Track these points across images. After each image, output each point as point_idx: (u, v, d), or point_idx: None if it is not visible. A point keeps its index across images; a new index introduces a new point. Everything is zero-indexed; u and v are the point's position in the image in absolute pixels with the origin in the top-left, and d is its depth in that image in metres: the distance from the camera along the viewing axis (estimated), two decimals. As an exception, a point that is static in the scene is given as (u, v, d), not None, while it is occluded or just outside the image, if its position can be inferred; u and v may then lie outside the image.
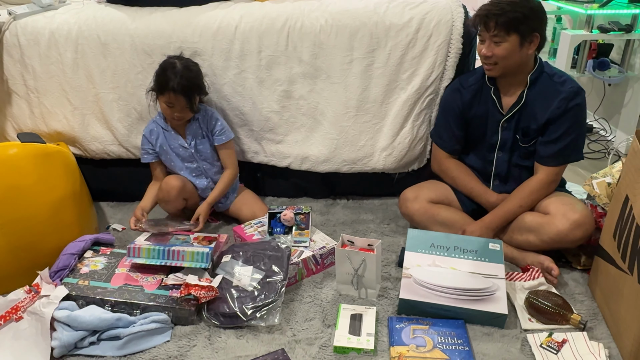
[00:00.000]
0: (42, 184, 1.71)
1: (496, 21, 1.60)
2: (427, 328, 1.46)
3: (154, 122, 1.98)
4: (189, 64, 1.87)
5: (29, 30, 2.02)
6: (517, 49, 1.63)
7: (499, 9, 1.60)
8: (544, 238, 1.66)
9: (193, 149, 1.96)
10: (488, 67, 1.70)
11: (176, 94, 1.80)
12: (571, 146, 1.70)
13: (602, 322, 1.51)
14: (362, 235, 1.97)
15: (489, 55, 1.65)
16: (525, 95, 1.71)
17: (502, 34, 1.61)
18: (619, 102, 2.89)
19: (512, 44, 1.62)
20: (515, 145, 1.78)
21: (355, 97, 2.02)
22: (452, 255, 1.63)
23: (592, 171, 2.54)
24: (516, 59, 1.65)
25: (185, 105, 1.84)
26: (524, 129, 1.74)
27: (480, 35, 1.68)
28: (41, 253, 1.67)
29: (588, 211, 1.65)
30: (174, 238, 1.74)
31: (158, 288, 1.56)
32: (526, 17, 1.59)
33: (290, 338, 1.47)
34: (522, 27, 1.60)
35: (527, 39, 1.62)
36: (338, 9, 2.00)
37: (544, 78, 1.70)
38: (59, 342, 1.39)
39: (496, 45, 1.63)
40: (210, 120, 1.97)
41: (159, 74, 1.84)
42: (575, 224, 1.61)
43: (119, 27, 2.01)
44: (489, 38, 1.64)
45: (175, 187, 1.89)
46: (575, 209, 1.63)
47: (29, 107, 2.11)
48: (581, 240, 1.65)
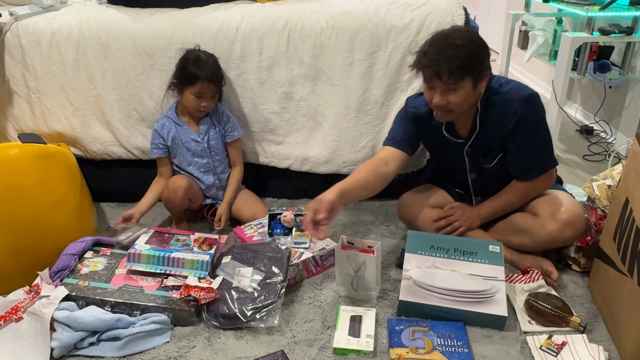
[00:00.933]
0: (43, 185, 1.71)
1: (449, 70, 1.48)
2: (426, 330, 1.46)
3: (165, 117, 1.99)
4: (209, 54, 1.93)
5: (30, 31, 2.03)
6: (472, 91, 1.55)
7: (448, 56, 1.48)
8: (536, 240, 1.66)
9: (205, 144, 1.97)
10: (442, 114, 1.62)
11: (209, 83, 1.85)
12: (540, 155, 1.67)
13: (602, 324, 1.51)
14: (362, 236, 1.97)
15: (444, 104, 1.55)
16: (479, 120, 1.65)
17: (456, 81, 1.50)
18: (619, 104, 2.89)
19: (467, 88, 1.53)
20: (482, 167, 1.76)
21: (356, 99, 2.02)
22: (452, 257, 1.63)
23: (592, 173, 2.54)
24: (471, 101, 1.59)
25: (214, 94, 1.90)
26: (485, 150, 1.70)
27: (430, 84, 1.56)
28: (41, 253, 1.67)
29: (578, 209, 1.63)
30: (174, 239, 1.74)
31: (158, 289, 1.56)
32: (475, 59, 1.51)
33: (289, 339, 1.47)
34: (474, 68, 1.51)
35: (479, 78, 1.54)
36: (339, 11, 2.01)
37: (492, 95, 1.62)
38: (59, 342, 1.39)
39: (450, 92, 1.53)
40: (222, 116, 2.00)
41: (185, 66, 1.87)
42: (564, 223, 1.60)
43: (120, 28, 2.02)
44: (442, 87, 1.53)
45: (182, 187, 1.89)
46: (564, 209, 1.61)
47: (30, 108, 2.11)
48: (573, 239, 1.65)
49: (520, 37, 3.46)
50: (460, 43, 1.49)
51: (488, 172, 1.76)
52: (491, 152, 1.70)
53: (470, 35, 1.54)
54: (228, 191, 2.03)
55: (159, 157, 2.01)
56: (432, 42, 1.53)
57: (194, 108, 1.91)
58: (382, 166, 1.74)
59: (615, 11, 2.56)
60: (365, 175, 1.70)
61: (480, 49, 1.53)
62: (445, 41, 1.51)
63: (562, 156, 2.81)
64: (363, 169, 1.73)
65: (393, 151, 1.78)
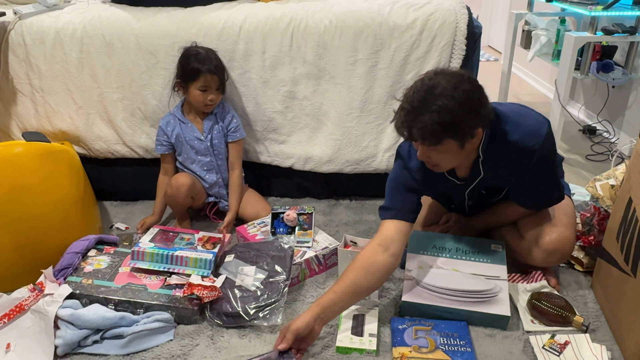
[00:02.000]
0: (47, 183, 1.71)
1: (421, 136, 1.31)
2: (429, 329, 1.46)
3: (171, 114, 2.00)
4: (207, 48, 1.95)
5: (34, 30, 2.03)
6: (457, 150, 1.35)
7: (421, 121, 1.28)
8: (525, 261, 1.65)
9: (208, 142, 1.98)
10: (430, 167, 1.44)
11: (212, 75, 1.87)
12: (548, 191, 1.56)
13: (605, 324, 1.51)
14: (365, 235, 1.97)
15: (427, 160, 1.41)
16: (482, 167, 1.48)
17: (433, 143, 1.32)
18: (622, 104, 2.89)
19: (450, 148, 1.33)
20: (483, 199, 1.64)
21: (359, 98, 2.03)
22: (454, 256, 1.63)
23: (595, 173, 2.54)
24: (460, 158, 1.42)
25: (218, 86, 1.91)
26: (488, 188, 1.58)
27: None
28: (45, 252, 1.68)
29: (564, 230, 1.56)
30: (179, 238, 1.75)
31: (161, 287, 1.57)
32: (458, 119, 1.27)
33: (292, 338, 1.47)
34: (455, 131, 1.30)
35: (465, 139, 1.33)
36: (342, 10, 2.01)
37: (496, 142, 1.43)
38: (63, 340, 1.40)
39: (432, 151, 1.36)
40: (227, 115, 2.00)
41: (187, 63, 1.89)
42: (548, 252, 1.56)
43: (124, 27, 2.02)
44: (421, 146, 1.37)
45: (185, 185, 1.90)
46: (547, 235, 1.55)
47: (33, 106, 2.12)
48: (560, 262, 1.63)
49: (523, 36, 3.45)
50: (440, 104, 1.26)
51: (488, 204, 1.69)
52: (497, 190, 1.60)
53: (454, 92, 1.27)
54: (233, 199, 2.01)
55: (163, 154, 2.02)
56: (412, 95, 1.31)
57: (201, 103, 1.91)
58: (379, 255, 1.45)
59: (619, 11, 2.55)
60: (354, 278, 1.41)
61: (466, 109, 1.28)
62: (424, 100, 1.28)
63: (565, 156, 2.80)
64: (353, 269, 1.43)
65: (394, 227, 1.50)
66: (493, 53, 5.23)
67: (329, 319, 1.40)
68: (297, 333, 1.34)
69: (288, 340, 1.33)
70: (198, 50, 1.91)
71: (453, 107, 1.26)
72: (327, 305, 1.38)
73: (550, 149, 1.46)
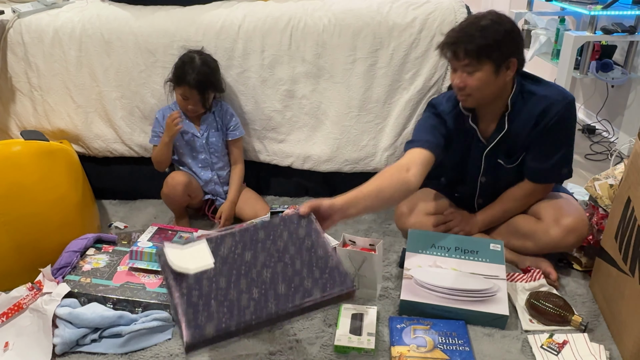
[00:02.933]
0: (45, 182, 1.71)
1: (465, 50, 1.45)
2: (428, 328, 1.46)
3: (169, 108, 2.00)
4: (207, 60, 1.91)
5: (33, 28, 2.03)
6: (492, 77, 1.49)
7: (467, 35, 1.45)
8: (539, 244, 1.65)
9: (204, 140, 1.98)
10: (462, 98, 1.56)
11: (191, 89, 1.85)
12: (560, 163, 1.63)
13: (603, 323, 1.51)
14: (364, 234, 1.97)
15: (462, 86, 1.51)
16: (507, 121, 1.60)
17: (473, 62, 1.46)
18: (622, 103, 2.89)
19: (486, 72, 1.48)
20: (498, 169, 1.70)
21: (358, 97, 2.02)
22: (452, 255, 1.63)
23: (594, 172, 2.54)
24: (492, 89, 1.52)
25: (198, 100, 1.88)
26: (507, 151, 1.65)
27: (451, 64, 1.55)
28: (44, 250, 1.67)
29: (581, 213, 1.62)
30: (177, 237, 1.74)
31: (160, 286, 1.56)
32: (499, 44, 1.45)
33: (291, 337, 1.47)
34: (495, 55, 1.46)
35: (502, 66, 1.49)
36: (341, 9, 2.00)
37: (526, 97, 1.58)
38: (61, 339, 1.39)
39: (469, 75, 1.49)
40: (226, 114, 2.01)
41: (177, 67, 1.89)
42: (567, 230, 1.58)
43: (123, 25, 2.02)
44: (461, 68, 1.50)
45: (181, 183, 1.90)
46: (567, 214, 1.59)
47: (32, 105, 2.12)
48: (576, 244, 1.64)
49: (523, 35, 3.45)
50: (485, 24, 1.45)
51: (504, 173, 1.71)
52: (515, 153, 1.65)
53: (500, 19, 1.47)
54: (231, 190, 2.04)
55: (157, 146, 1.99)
56: (461, 22, 1.52)
57: (182, 108, 1.93)
58: (403, 173, 1.53)
59: (618, 10, 2.55)
60: (380, 183, 1.48)
61: (507, 35, 1.46)
62: (471, 22, 1.48)
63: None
64: (378, 177, 1.51)
65: (417, 153, 1.59)
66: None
67: (348, 215, 1.39)
68: (318, 208, 1.32)
69: (306, 207, 1.30)
70: (194, 57, 1.88)
71: (497, 29, 1.45)
72: (351, 200, 1.39)
73: (572, 116, 1.57)
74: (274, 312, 1.09)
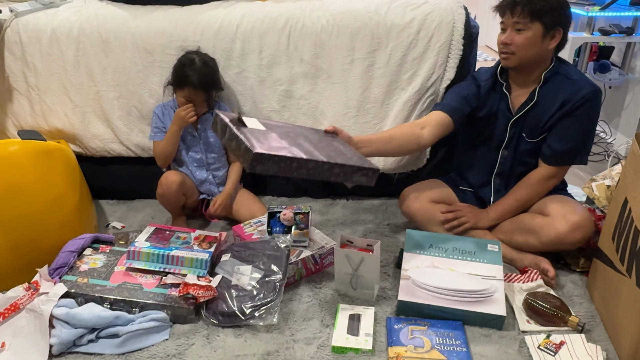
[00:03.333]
0: (42, 182, 1.71)
1: (523, 6, 1.58)
2: (425, 329, 1.46)
3: (167, 105, 1.99)
4: (206, 59, 1.91)
5: (31, 28, 2.02)
6: (539, 40, 1.61)
7: None
8: (543, 240, 1.66)
9: (202, 140, 1.97)
10: (505, 55, 1.66)
11: (195, 89, 1.84)
12: (578, 148, 1.69)
13: (600, 324, 1.51)
14: (362, 235, 1.97)
15: (508, 43, 1.62)
16: (537, 94, 1.68)
17: (526, 20, 1.58)
18: (619, 104, 2.89)
19: (535, 33, 1.59)
20: (520, 141, 1.76)
21: (356, 98, 2.02)
22: (450, 256, 1.63)
23: (591, 173, 2.54)
24: (535, 52, 1.63)
25: (203, 100, 1.88)
26: (532, 126, 1.72)
27: (503, 23, 1.65)
28: (41, 250, 1.67)
29: (588, 213, 1.64)
30: (175, 237, 1.74)
31: (157, 287, 1.56)
32: (553, 9, 1.58)
33: (288, 337, 1.47)
34: (547, 18, 1.58)
35: (550, 32, 1.60)
36: (339, 9, 2.00)
37: (558, 77, 1.67)
38: (58, 339, 1.39)
39: (517, 32, 1.61)
40: None
41: (177, 69, 1.88)
42: (575, 226, 1.60)
43: (121, 25, 2.01)
44: (512, 25, 1.61)
45: (176, 182, 1.89)
46: (575, 211, 1.62)
47: (29, 105, 2.11)
48: (580, 243, 1.64)
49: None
50: None
51: (524, 148, 1.75)
52: (538, 128, 1.71)
53: None
54: (228, 183, 2.04)
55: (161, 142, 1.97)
56: None
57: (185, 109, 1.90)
58: (417, 128, 1.74)
59: (616, 11, 2.56)
60: (393, 132, 1.73)
61: (560, 5, 1.59)
62: None
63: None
64: (395, 127, 1.80)
65: (436, 115, 1.78)
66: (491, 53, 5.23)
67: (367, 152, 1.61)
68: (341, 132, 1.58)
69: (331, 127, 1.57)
70: (194, 59, 1.88)
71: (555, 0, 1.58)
72: (365, 140, 1.63)
73: (597, 105, 1.66)
74: (321, 161, 1.33)
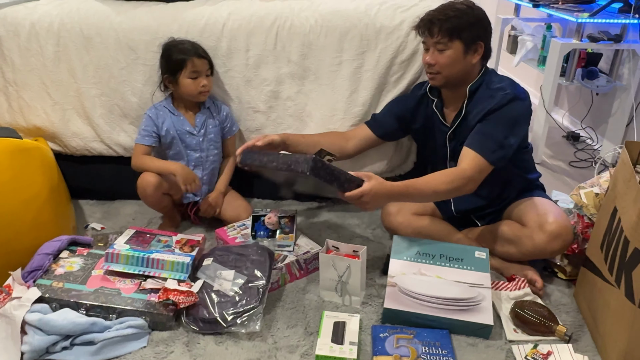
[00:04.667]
0: (18, 181, 1.65)
1: (440, 27, 1.57)
2: (411, 337, 1.43)
3: (160, 106, 1.92)
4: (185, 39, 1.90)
5: (9, 21, 1.96)
6: (461, 57, 1.60)
7: (443, 14, 1.57)
8: (523, 251, 1.64)
9: (202, 137, 1.93)
10: (431, 75, 1.66)
11: (199, 58, 1.83)
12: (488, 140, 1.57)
13: (588, 334, 1.50)
14: (347, 240, 1.93)
15: (432, 63, 1.61)
16: (465, 107, 1.67)
17: (445, 40, 1.57)
18: (606, 111, 2.90)
19: (456, 51, 1.58)
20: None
21: (343, 100, 1.99)
22: (437, 263, 1.60)
23: (578, 179, 2.54)
24: (459, 68, 1.61)
25: (208, 68, 1.87)
26: (465, 138, 1.66)
27: (425, 43, 1.64)
28: (15, 253, 1.60)
29: (565, 219, 1.60)
30: (156, 240, 1.69)
31: (136, 292, 1.51)
32: (470, 25, 1.57)
33: (271, 345, 1.43)
34: (466, 35, 1.57)
35: (471, 48, 1.60)
36: (328, 10, 1.97)
37: (483, 88, 1.65)
38: (30, 346, 1.33)
39: (440, 53, 1.59)
40: (221, 110, 1.98)
41: (170, 55, 1.85)
42: (552, 235, 1.57)
43: (103, 20, 1.96)
44: (433, 45, 1.60)
45: (151, 184, 1.82)
46: (551, 220, 1.58)
47: (7, 101, 2.04)
48: (561, 251, 1.62)
49: (509, 41, 3.46)
50: (460, 7, 1.58)
51: None
52: None
53: (473, 6, 1.61)
54: (221, 180, 2.01)
55: (145, 146, 1.89)
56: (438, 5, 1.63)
57: (195, 91, 1.84)
58: (343, 140, 1.88)
59: (605, 18, 2.56)
60: (320, 138, 1.86)
61: (478, 20, 1.59)
62: (447, 4, 1.61)
63: (548, 162, 2.81)
64: (325, 134, 1.92)
65: (363, 129, 1.90)
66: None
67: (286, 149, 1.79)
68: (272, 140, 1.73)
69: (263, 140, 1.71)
70: (178, 41, 1.88)
71: (470, 13, 1.58)
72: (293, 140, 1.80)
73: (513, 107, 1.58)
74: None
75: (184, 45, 1.85)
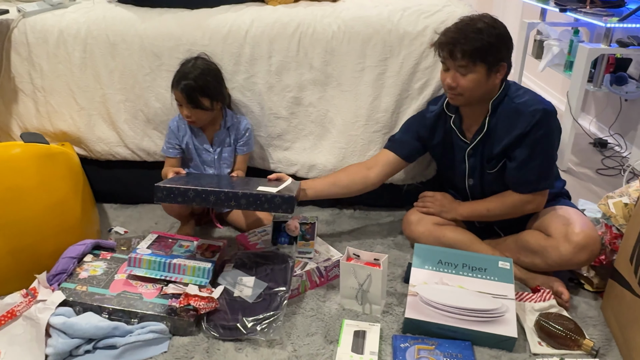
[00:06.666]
0: (44, 186, 1.68)
1: (462, 51, 1.49)
2: (432, 349, 1.41)
3: (181, 119, 1.91)
4: (201, 65, 1.82)
5: (38, 29, 2.00)
6: (484, 79, 1.54)
7: (464, 37, 1.49)
8: (549, 262, 1.60)
9: (216, 156, 1.93)
10: (452, 96, 1.61)
11: (181, 93, 1.77)
12: (536, 173, 1.60)
13: (616, 348, 1.45)
14: (368, 247, 1.92)
15: (454, 86, 1.56)
16: (488, 123, 1.63)
17: (469, 64, 1.51)
18: (635, 118, 2.82)
19: (479, 74, 1.52)
20: (483, 171, 1.71)
21: (366, 106, 1.98)
22: (460, 273, 1.58)
23: (606, 188, 2.48)
24: (482, 90, 1.57)
25: (190, 108, 1.78)
26: (488, 155, 1.67)
27: (444, 64, 1.57)
28: (40, 256, 1.64)
29: (592, 229, 1.56)
30: (177, 245, 1.70)
31: (157, 296, 1.52)
32: (493, 46, 1.50)
33: (290, 353, 1.42)
34: (490, 57, 1.51)
35: (494, 69, 1.54)
36: (351, 16, 1.96)
37: (506, 102, 1.60)
38: (54, 349, 1.35)
39: (462, 76, 1.53)
40: (240, 130, 1.94)
41: (177, 70, 1.83)
42: (579, 247, 1.53)
43: (129, 27, 1.98)
44: (455, 67, 1.54)
45: None
46: (577, 230, 1.54)
47: (35, 106, 2.09)
48: (588, 262, 1.57)
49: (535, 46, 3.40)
50: (481, 27, 1.49)
51: (488, 178, 1.71)
52: (495, 158, 1.66)
53: (495, 24, 1.52)
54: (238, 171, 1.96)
55: (172, 158, 1.93)
56: (456, 23, 1.55)
57: (182, 115, 1.84)
58: (364, 170, 1.81)
59: (634, 23, 2.50)
60: (339, 175, 1.82)
61: (501, 39, 1.52)
62: (468, 23, 1.52)
63: (575, 169, 2.74)
64: (343, 169, 1.85)
65: (384, 154, 1.83)
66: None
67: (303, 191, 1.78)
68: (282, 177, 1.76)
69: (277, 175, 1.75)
70: (190, 61, 1.82)
71: (492, 32, 1.49)
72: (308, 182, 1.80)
73: (548, 125, 1.55)
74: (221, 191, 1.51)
75: (185, 72, 1.79)
